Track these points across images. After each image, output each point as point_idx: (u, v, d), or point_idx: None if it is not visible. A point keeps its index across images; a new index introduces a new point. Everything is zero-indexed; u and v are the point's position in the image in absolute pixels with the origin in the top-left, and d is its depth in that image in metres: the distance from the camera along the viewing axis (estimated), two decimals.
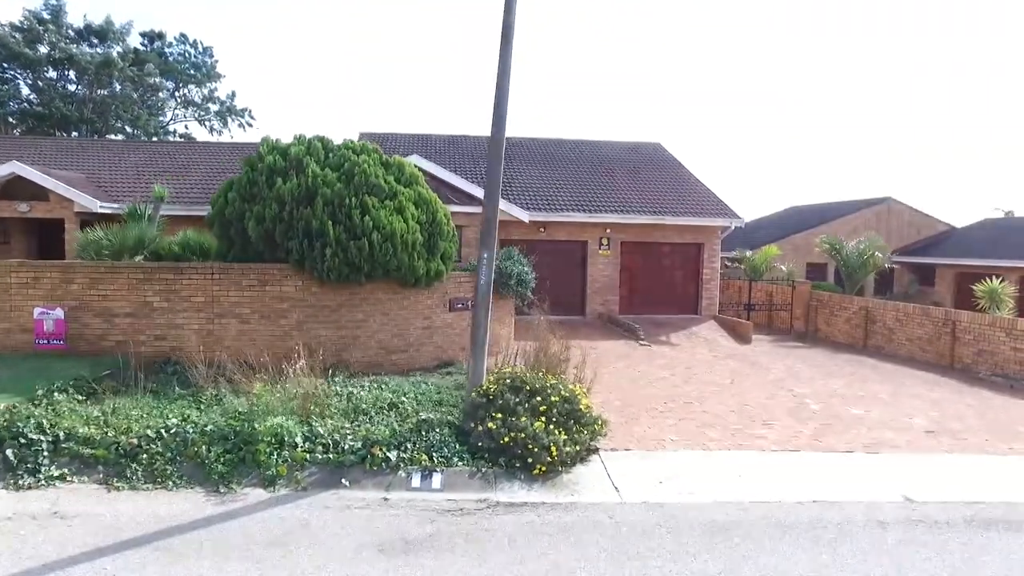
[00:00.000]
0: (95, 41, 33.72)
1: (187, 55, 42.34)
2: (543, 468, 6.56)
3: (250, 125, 43.73)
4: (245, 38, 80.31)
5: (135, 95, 33.80)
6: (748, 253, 25.08)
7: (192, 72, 42.54)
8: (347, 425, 7.21)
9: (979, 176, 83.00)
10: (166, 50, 41.68)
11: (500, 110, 7.79)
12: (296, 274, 10.55)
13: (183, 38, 41.77)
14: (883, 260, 18.83)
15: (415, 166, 12.19)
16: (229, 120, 44.11)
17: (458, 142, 22.99)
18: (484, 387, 7.40)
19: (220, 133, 42.92)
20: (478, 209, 17.79)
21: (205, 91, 43.12)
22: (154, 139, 35.11)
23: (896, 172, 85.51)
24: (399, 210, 10.81)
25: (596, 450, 7.40)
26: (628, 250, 18.97)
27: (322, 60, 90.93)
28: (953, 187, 79.28)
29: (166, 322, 10.21)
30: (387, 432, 7.03)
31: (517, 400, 7.10)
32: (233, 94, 44.87)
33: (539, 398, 7.15)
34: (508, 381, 7.41)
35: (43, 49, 31.73)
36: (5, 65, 30.99)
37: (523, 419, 6.81)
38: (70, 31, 32.98)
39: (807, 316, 19.73)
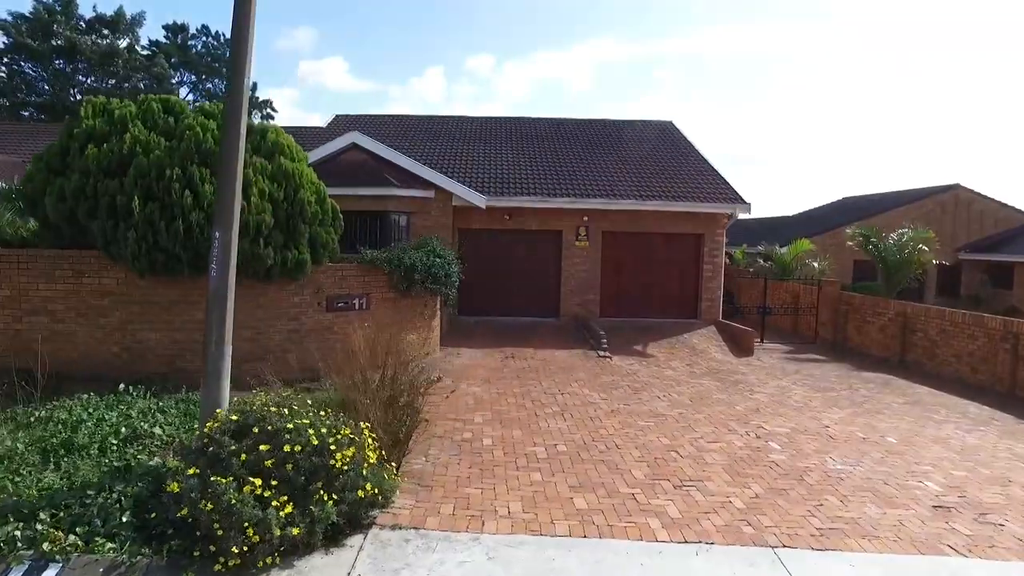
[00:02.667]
0: (106, 32, 33.35)
1: (209, 47, 42.00)
2: (228, 563, 4.07)
3: (271, 117, 43.02)
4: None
5: (141, 85, 33.17)
6: (777, 248, 21.60)
7: (215, 64, 42.17)
8: None
9: None
10: (189, 43, 41.48)
11: None
12: (116, 264, 8.45)
13: (204, 30, 41.44)
14: (930, 256, 15.14)
15: (285, 136, 9.84)
16: (252, 112, 43.59)
17: (437, 123, 20.66)
18: (210, 426, 4.95)
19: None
20: (429, 193, 15.42)
21: (225, 82, 42.61)
22: None
23: (969, 158, 77.10)
24: (244, 185, 8.48)
25: (370, 525, 4.85)
26: (612, 242, 16.06)
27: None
28: None
29: None
30: (34, 493, 4.71)
31: (235, 449, 4.62)
32: (255, 86, 44.27)
33: (269, 447, 4.64)
34: (239, 418, 4.93)
35: (56, 41, 31.56)
36: (14, 56, 30.88)
37: (224, 480, 4.33)
38: (82, 22, 32.69)
39: (835, 322, 16.23)
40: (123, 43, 33.25)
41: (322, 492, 4.60)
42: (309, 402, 5.66)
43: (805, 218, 33.77)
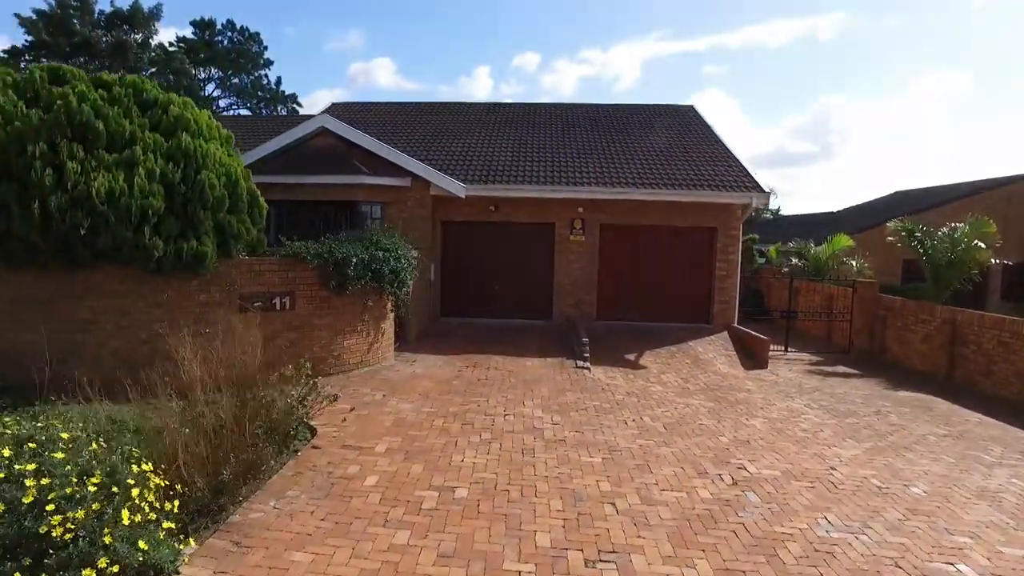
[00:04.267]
0: (126, 27, 33.35)
1: (235, 42, 41.94)
2: None
3: (295, 112, 42.63)
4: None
5: (156, 80, 33.04)
6: (811, 245, 19.35)
7: (241, 60, 42.12)
8: None
9: None
10: (216, 38, 41.46)
11: None
12: None
13: (230, 25, 41.35)
14: (988, 254, 12.78)
15: (201, 111, 8.55)
16: (277, 106, 43.42)
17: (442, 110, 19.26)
18: None
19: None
20: (404, 181, 13.99)
21: (251, 78, 42.61)
22: None
23: None
24: (130, 163, 7.23)
25: None
26: (611, 236, 14.29)
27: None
28: None
29: None
30: None
31: None
32: (279, 80, 44.05)
33: None
34: None
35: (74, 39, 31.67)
36: (37, 52, 31.10)
37: None
38: (101, 19, 32.76)
39: (871, 330, 14.02)
40: (147, 38, 33.18)
41: None
42: (84, 433, 4.25)
43: (854, 213, 30.93)
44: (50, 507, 3.40)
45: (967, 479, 6.24)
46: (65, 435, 4.05)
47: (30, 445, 3.84)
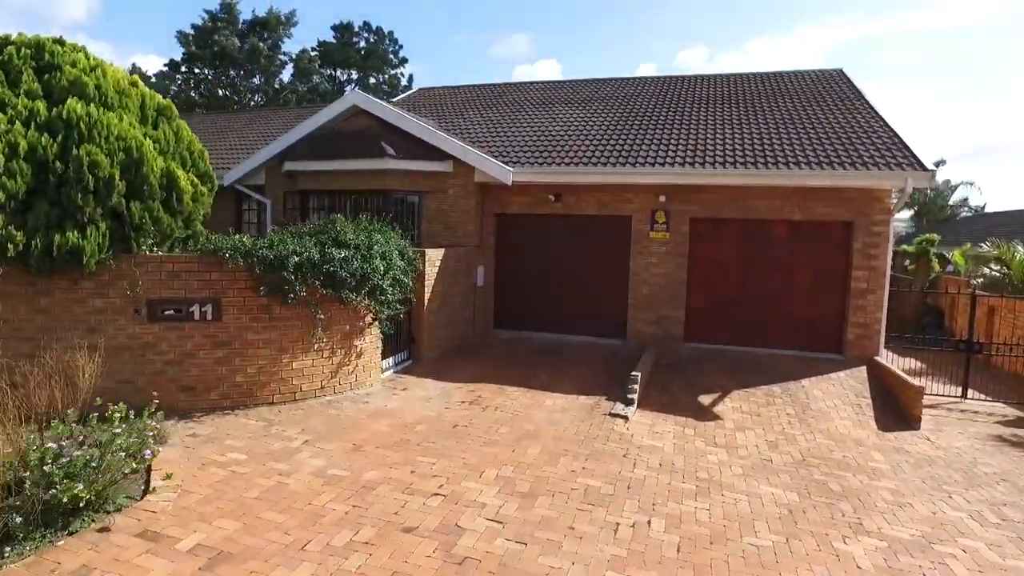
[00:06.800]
0: (267, 35, 35.17)
1: (370, 43, 43.09)
2: None
3: None
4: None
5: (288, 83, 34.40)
6: (1017, 247, 14.06)
7: (377, 61, 43.18)
8: None
9: None
10: (353, 39, 42.91)
11: None
12: None
13: (366, 26, 42.53)
14: None
15: (116, 72, 6.98)
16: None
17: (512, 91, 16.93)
18: None
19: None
20: (442, 166, 11.77)
21: (385, 76, 43.52)
22: None
23: None
24: None
25: None
26: (705, 233, 10.93)
27: None
28: None
29: None
30: None
31: None
32: (411, 78, 44.46)
33: None
34: None
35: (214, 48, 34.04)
36: (188, 65, 33.77)
37: None
38: (244, 28, 34.85)
39: None
40: (276, 42, 34.80)
41: None
42: None
43: None
44: None
45: None
46: None
47: None
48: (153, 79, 32.51)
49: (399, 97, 18.29)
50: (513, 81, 18.60)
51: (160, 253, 6.67)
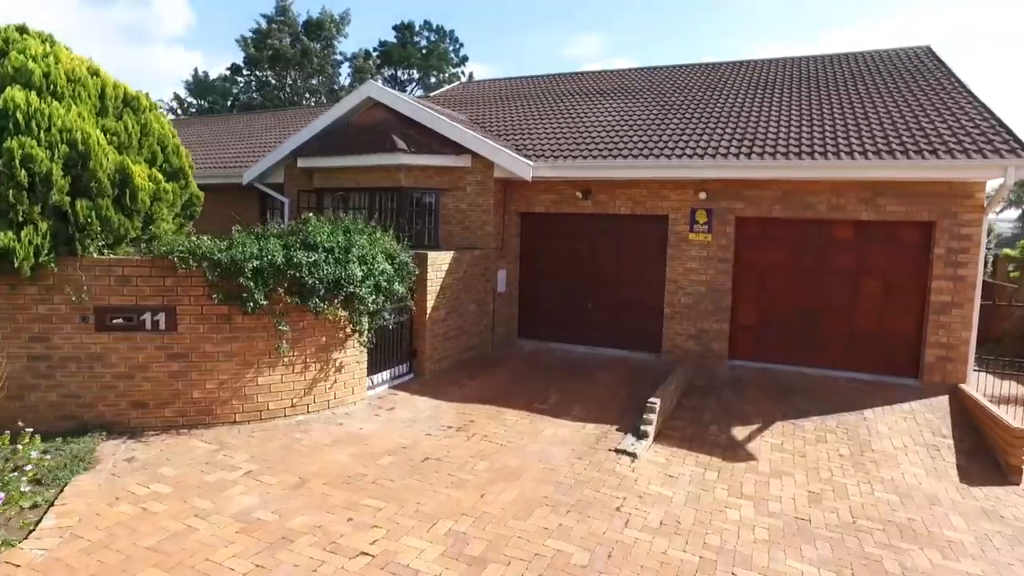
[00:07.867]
0: (323, 35, 35.55)
1: (430, 42, 43.04)
2: None
3: None
4: None
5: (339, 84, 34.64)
6: None
7: (437, 60, 43.08)
8: None
9: None
10: (414, 39, 42.98)
11: None
12: None
13: (427, 25, 42.48)
14: None
15: (73, 59, 6.45)
16: None
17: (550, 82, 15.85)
18: None
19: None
20: (459, 161, 10.83)
21: (445, 76, 43.36)
22: None
23: None
24: None
25: None
26: (753, 234, 9.52)
27: None
28: None
29: None
30: None
31: None
32: (471, 76, 44.05)
33: None
34: None
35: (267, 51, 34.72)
36: (250, 68, 34.60)
37: None
38: (301, 30, 35.38)
39: None
40: (328, 42, 35.14)
41: None
42: None
43: None
44: None
45: None
46: None
47: None
48: (216, 84, 33.62)
49: (438, 91, 17.58)
50: (560, 72, 17.47)
51: (110, 256, 6.09)
